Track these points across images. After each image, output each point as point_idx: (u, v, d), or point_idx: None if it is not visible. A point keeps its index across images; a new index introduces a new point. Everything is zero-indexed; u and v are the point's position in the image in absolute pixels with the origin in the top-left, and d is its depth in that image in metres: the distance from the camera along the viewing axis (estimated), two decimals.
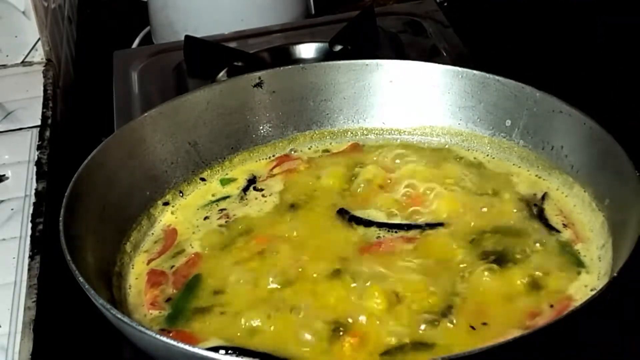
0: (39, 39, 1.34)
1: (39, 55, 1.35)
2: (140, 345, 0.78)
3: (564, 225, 0.93)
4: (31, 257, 0.96)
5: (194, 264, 0.92)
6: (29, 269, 0.95)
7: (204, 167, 1.05)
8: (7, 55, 1.35)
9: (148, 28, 1.64)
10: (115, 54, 1.44)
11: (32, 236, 1.00)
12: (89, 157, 0.94)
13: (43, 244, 0.98)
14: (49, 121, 1.22)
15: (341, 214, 0.97)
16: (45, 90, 1.29)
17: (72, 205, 0.88)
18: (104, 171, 0.95)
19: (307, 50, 1.37)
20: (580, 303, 0.78)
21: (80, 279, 0.79)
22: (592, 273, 0.86)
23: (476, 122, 1.06)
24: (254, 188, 1.03)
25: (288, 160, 1.07)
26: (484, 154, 1.05)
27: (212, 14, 1.52)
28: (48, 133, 1.19)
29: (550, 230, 0.92)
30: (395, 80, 1.09)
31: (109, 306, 0.77)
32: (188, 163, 1.04)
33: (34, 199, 1.06)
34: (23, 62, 1.35)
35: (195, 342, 0.81)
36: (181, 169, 1.04)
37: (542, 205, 0.96)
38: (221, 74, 1.31)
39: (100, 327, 0.83)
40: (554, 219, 0.94)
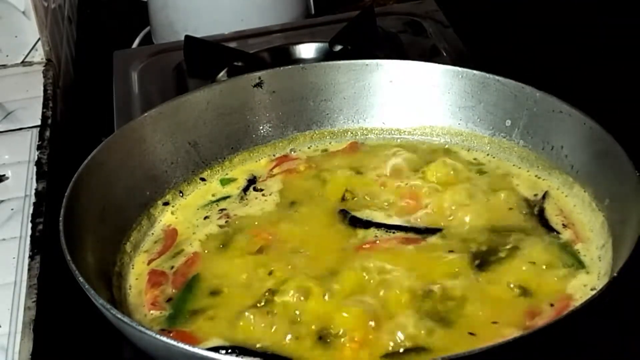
0: (39, 39, 1.34)
1: (39, 55, 1.35)
2: (140, 345, 0.78)
3: (563, 225, 0.93)
4: (31, 257, 0.96)
5: (194, 263, 0.92)
6: (29, 269, 0.95)
7: (204, 167, 1.05)
8: (7, 55, 1.34)
9: (148, 28, 1.64)
10: (115, 54, 1.44)
11: (32, 236, 1.00)
12: (89, 157, 0.94)
13: (43, 244, 0.98)
14: (49, 121, 1.21)
15: (341, 214, 0.97)
16: (45, 90, 1.29)
17: (72, 205, 0.88)
18: (104, 171, 0.95)
19: (307, 50, 1.37)
20: (580, 303, 0.78)
21: (80, 279, 0.79)
22: (592, 273, 0.86)
23: (476, 122, 1.06)
24: (254, 188, 1.03)
25: (287, 160, 1.07)
26: (484, 154, 1.05)
27: (212, 14, 1.52)
28: (48, 133, 1.19)
29: (550, 230, 0.92)
30: (395, 80, 1.09)
31: (109, 306, 0.77)
32: (188, 163, 1.04)
33: (34, 199, 1.06)
34: (23, 62, 1.35)
35: (196, 342, 0.81)
36: (181, 169, 1.04)
37: (542, 205, 0.96)
38: (221, 74, 1.31)
39: (100, 327, 0.82)
40: (554, 219, 0.94)
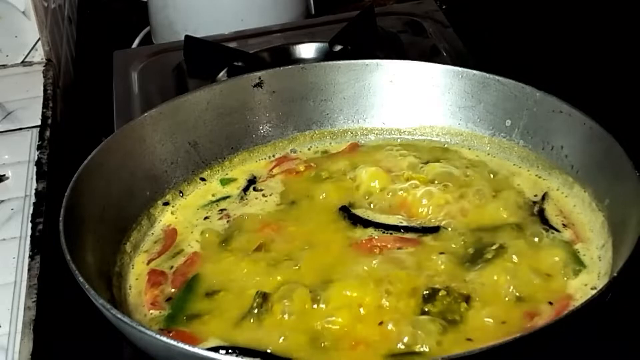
0: (39, 39, 1.34)
1: (39, 55, 1.35)
2: (140, 345, 0.78)
3: (564, 225, 0.93)
4: (31, 257, 0.96)
5: (193, 263, 0.92)
6: (29, 269, 0.95)
7: (204, 167, 1.05)
8: (7, 55, 1.35)
9: (148, 28, 1.64)
10: (115, 54, 1.44)
11: (32, 236, 1.00)
12: (89, 157, 0.94)
13: (43, 244, 0.98)
14: (49, 121, 1.22)
15: (341, 212, 0.97)
16: (45, 90, 1.29)
17: (72, 205, 0.88)
18: (104, 171, 0.95)
19: (307, 50, 1.37)
20: (580, 302, 0.78)
21: (80, 279, 0.79)
22: (592, 273, 0.86)
23: (476, 122, 1.06)
24: (254, 188, 1.03)
25: (287, 161, 1.07)
26: (484, 153, 1.05)
27: (212, 14, 1.52)
28: (48, 133, 1.19)
29: (550, 230, 0.92)
30: (395, 80, 1.09)
31: (109, 306, 0.77)
32: (188, 163, 1.04)
33: (34, 199, 1.06)
34: (23, 62, 1.35)
35: (195, 342, 0.81)
36: (181, 169, 1.04)
37: (542, 205, 0.96)
38: (221, 74, 1.31)
39: (100, 327, 0.82)
40: (554, 219, 0.94)
